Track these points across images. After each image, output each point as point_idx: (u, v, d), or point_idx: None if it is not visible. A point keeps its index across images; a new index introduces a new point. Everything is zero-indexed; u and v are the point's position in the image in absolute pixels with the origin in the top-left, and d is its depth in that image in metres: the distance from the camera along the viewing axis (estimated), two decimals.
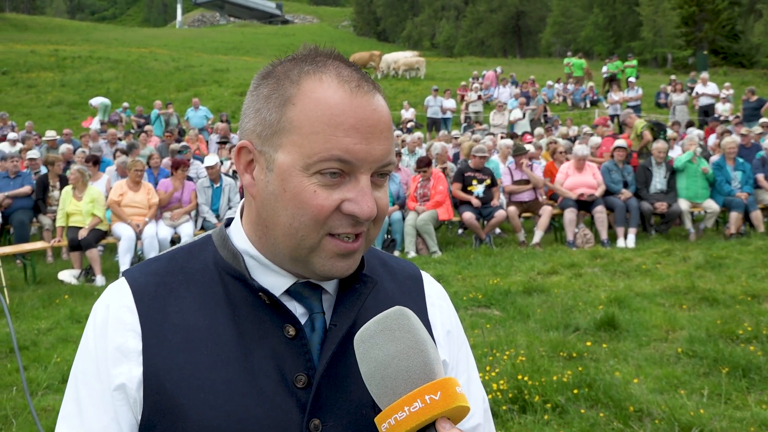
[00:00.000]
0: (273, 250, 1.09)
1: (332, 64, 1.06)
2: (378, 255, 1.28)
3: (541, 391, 4.47)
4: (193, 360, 1.04)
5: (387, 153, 1.05)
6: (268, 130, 1.05)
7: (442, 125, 22.86)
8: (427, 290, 1.29)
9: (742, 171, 10.80)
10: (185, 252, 1.17)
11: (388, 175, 1.09)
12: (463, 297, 7.17)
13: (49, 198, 10.88)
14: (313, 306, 1.12)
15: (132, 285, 1.11)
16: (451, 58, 52.36)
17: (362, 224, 1.05)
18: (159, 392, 1.03)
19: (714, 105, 21.41)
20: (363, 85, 1.05)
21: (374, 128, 1.03)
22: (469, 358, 1.30)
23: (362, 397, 1.05)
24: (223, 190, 10.55)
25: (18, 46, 39.47)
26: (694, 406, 4.26)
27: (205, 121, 20.79)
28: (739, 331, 5.60)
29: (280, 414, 1.04)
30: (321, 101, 1.02)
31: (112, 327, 1.07)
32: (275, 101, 1.05)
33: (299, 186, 1.02)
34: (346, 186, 1.03)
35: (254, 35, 63.72)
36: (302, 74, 1.05)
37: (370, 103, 1.04)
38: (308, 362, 1.07)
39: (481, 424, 1.25)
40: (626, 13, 49.01)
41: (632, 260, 8.98)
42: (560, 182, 10.87)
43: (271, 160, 1.05)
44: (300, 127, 1.02)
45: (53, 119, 25.13)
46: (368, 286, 1.14)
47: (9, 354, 6.00)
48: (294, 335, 1.08)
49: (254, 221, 1.11)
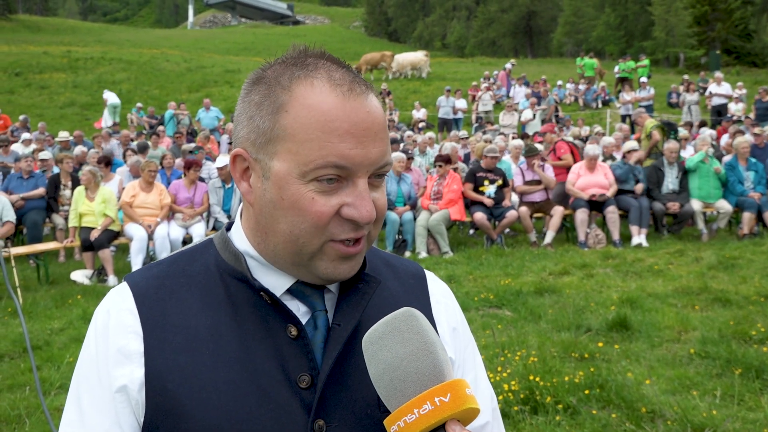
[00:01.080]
0: (273, 255, 1.09)
1: (323, 67, 1.05)
2: (380, 255, 1.28)
3: (552, 391, 4.46)
4: (194, 361, 1.04)
5: (383, 155, 1.05)
6: (262, 138, 1.04)
7: (454, 125, 22.84)
8: (431, 288, 1.28)
9: (755, 171, 10.73)
10: (186, 256, 1.17)
11: (385, 176, 1.08)
12: (475, 297, 7.17)
13: (61, 197, 10.94)
14: (315, 304, 1.12)
15: (133, 288, 1.11)
16: (462, 58, 52.30)
17: (363, 228, 1.05)
18: (161, 393, 1.03)
19: (727, 105, 21.29)
20: (355, 87, 1.04)
21: (369, 131, 1.02)
22: (476, 356, 1.30)
23: (367, 396, 1.06)
24: (235, 190, 10.56)
25: (31, 47, 39.70)
26: (706, 407, 4.24)
27: (217, 122, 20.85)
28: (752, 332, 5.57)
29: (283, 415, 1.04)
30: (314, 107, 1.01)
31: (114, 330, 1.08)
32: (267, 108, 1.04)
33: (297, 193, 1.01)
34: (344, 191, 1.03)
35: (265, 36, 63.83)
36: (293, 80, 1.04)
37: (364, 106, 1.03)
38: (311, 362, 1.06)
39: (490, 422, 1.24)
40: (638, 13, 48.76)
41: (644, 261, 8.94)
42: (572, 182, 10.84)
43: (266, 168, 1.04)
44: (294, 134, 1.01)
45: (66, 120, 25.26)
46: (372, 286, 1.14)
47: (22, 354, 6.04)
48: (296, 335, 1.07)
49: (253, 227, 1.11)
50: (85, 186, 9.64)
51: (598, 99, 26.92)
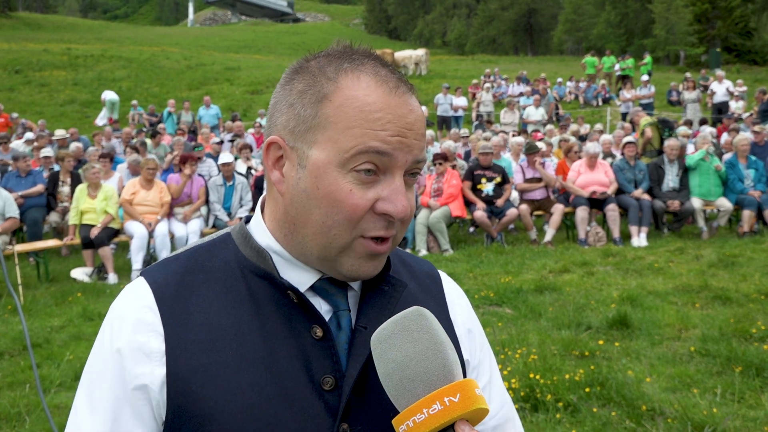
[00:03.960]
0: (300, 249, 1.08)
1: (370, 63, 1.05)
2: (397, 253, 1.27)
3: (553, 389, 4.46)
4: (218, 361, 1.02)
5: (421, 148, 1.05)
6: (302, 126, 1.04)
7: (453, 123, 22.81)
8: (446, 289, 1.27)
9: (755, 169, 10.72)
10: (204, 250, 1.14)
11: (417, 175, 1.08)
12: (475, 295, 7.16)
13: (59, 194, 10.92)
14: (339, 303, 1.10)
15: (152, 285, 1.08)
16: (462, 56, 52.30)
17: (394, 225, 1.05)
18: (184, 395, 1.01)
19: (728, 102, 21.28)
20: (400, 85, 1.05)
21: (411, 126, 1.03)
22: (492, 357, 1.29)
23: (389, 401, 1.03)
24: (236, 188, 10.57)
25: (31, 44, 39.70)
26: (707, 405, 4.23)
27: (216, 120, 20.86)
28: (753, 330, 5.57)
29: (308, 418, 1.02)
30: (359, 98, 1.01)
31: (133, 327, 1.05)
32: (311, 97, 1.04)
33: (334, 184, 1.01)
34: (380, 185, 1.02)
35: (266, 33, 63.83)
36: (340, 71, 1.04)
37: (407, 104, 1.04)
38: (336, 364, 1.05)
39: (501, 424, 1.25)
40: (638, 11, 48.80)
41: (645, 258, 8.94)
42: (572, 180, 10.83)
43: (304, 156, 1.03)
44: (336, 122, 1.01)
45: (66, 118, 25.25)
46: (398, 290, 1.13)
47: (22, 351, 6.03)
48: (321, 336, 1.05)
49: (280, 219, 1.09)
50: (89, 183, 9.63)
51: (598, 97, 26.89)
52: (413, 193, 1.08)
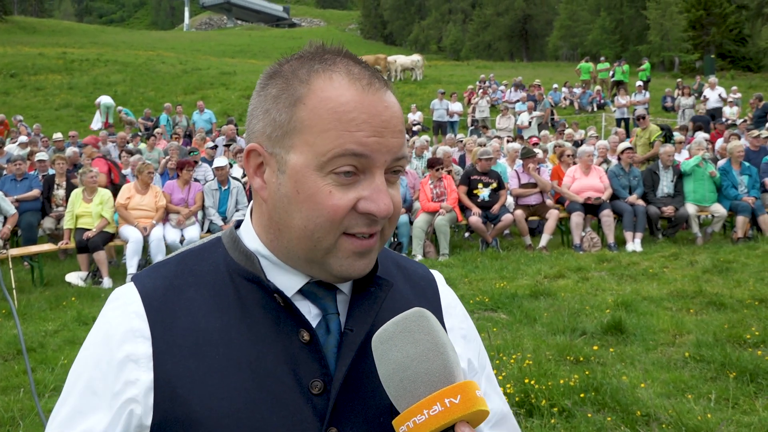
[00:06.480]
0: (287, 253, 1.07)
1: (342, 62, 1.04)
2: (392, 256, 1.26)
3: (547, 394, 4.46)
4: (205, 365, 1.02)
5: (400, 146, 1.03)
6: (279, 131, 1.03)
7: (449, 128, 22.84)
8: (442, 292, 1.27)
9: (749, 175, 10.76)
10: (194, 254, 1.14)
11: (400, 173, 1.07)
12: (470, 300, 7.17)
13: (54, 197, 10.89)
14: (327, 306, 1.09)
15: (141, 290, 1.07)
16: (457, 61, 52.38)
17: (378, 223, 1.03)
18: (171, 399, 1.00)
19: (722, 109, 21.34)
20: (374, 82, 1.03)
21: (387, 123, 1.01)
22: (487, 360, 1.30)
23: (379, 403, 1.04)
24: (231, 192, 10.56)
25: (26, 48, 39.61)
26: (701, 410, 4.24)
27: (210, 125, 20.84)
28: (747, 336, 5.58)
29: (296, 423, 1.01)
30: (332, 99, 1.00)
31: (121, 333, 1.04)
32: (285, 101, 1.03)
33: (314, 187, 1.00)
34: (361, 184, 1.01)
35: (261, 38, 63.85)
36: (312, 73, 1.03)
37: (382, 100, 1.02)
38: (323, 368, 1.04)
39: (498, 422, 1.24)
40: (633, 17, 48.95)
41: (639, 264, 8.95)
42: (567, 186, 10.85)
43: (282, 161, 1.03)
44: (311, 126, 1.00)
45: (61, 122, 25.21)
46: (384, 289, 1.12)
47: (17, 356, 6.02)
48: (308, 340, 1.05)
49: (266, 224, 1.09)
50: (85, 187, 9.61)
51: (593, 103, 26.94)
52: (398, 189, 1.07)
